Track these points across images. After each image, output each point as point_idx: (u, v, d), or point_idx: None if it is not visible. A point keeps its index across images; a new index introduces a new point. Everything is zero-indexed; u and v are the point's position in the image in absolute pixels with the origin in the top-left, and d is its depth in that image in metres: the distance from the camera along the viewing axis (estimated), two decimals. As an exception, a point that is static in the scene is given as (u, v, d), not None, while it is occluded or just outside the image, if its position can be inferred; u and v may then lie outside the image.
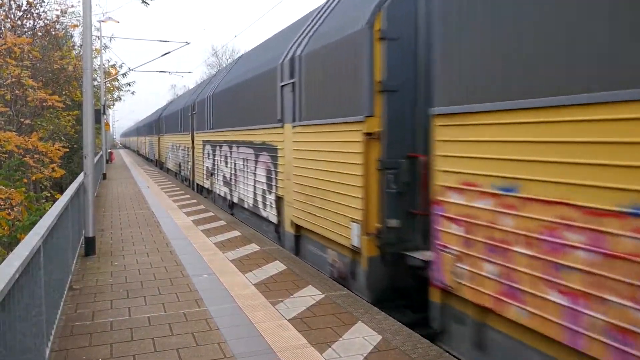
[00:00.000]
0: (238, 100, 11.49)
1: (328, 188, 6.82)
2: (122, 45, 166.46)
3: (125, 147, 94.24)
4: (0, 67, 12.85)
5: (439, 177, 4.64)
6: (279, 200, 8.92)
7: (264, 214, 9.77)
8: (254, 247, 8.44)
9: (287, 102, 8.47)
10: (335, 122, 6.60)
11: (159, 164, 31.51)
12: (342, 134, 6.43)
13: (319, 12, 8.39)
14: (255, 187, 10.28)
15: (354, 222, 6.12)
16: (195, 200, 14.72)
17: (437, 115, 4.63)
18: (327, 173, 6.86)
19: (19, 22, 15.86)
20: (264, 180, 9.71)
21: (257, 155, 10.19)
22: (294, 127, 8.08)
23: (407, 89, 5.91)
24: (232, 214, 12.55)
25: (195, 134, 17.20)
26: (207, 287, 6.22)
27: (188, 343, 4.54)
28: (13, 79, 13.31)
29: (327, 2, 8.40)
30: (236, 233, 9.69)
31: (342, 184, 6.42)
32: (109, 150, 36.32)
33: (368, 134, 5.87)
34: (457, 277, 4.35)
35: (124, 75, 31.96)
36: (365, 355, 4.29)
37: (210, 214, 12.15)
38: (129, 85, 35.61)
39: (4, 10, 15.21)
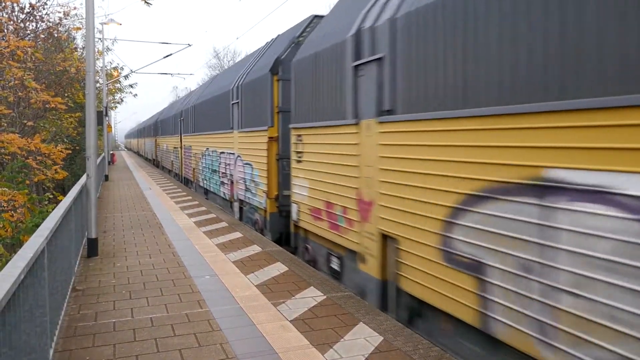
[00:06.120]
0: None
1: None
2: (125, 47, 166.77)
3: (128, 149, 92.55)
4: (3, 70, 12.90)
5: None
6: None
7: None
8: (255, 249, 8.47)
9: None
10: None
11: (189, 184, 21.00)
12: None
13: None
14: None
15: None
16: (197, 202, 14.76)
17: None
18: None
19: (22, 25, 15.92)
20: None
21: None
22: None
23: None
24: None
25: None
26: (209, 288, 6.25)
27: (190, 344, 4.57)
28: (16, 81, 13.36)
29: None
30: (238, 234, 9.72)
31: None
32: (111, 152, 36.41)
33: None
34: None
35: (126, 77, 32.07)
36: (366, 356, 4.31)
37: (212, 215, 12.18)
38: (131, 87, 35.71)
39: (7, 13, 15.27)
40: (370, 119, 5.79)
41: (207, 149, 15.86)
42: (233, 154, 12.51)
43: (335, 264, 7.18)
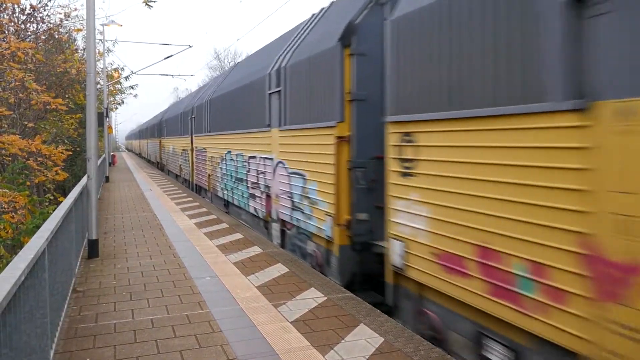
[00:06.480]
0: None
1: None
2: (125, 49, 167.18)
3: (129, 150, 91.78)
4: (4, 71, 12.93)
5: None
6: None
7: None
8: (256, 250, 8.46)
9: None
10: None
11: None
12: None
13: None
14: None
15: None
16: (197, 203, 14.76)
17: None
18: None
19: (23, 26, 15.95)
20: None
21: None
22: None
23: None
24: None
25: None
26: (209, 290, 6.25)
27: (191, 345, 4.57)
28: (17, 83, 13.38)
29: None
30: (238, 236, 9.72)
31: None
32: (112, 153, 36.45)
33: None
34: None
35: (126, 78, 32.14)
36: (367, 357, 4.31)
37: (213, 216, 12.18)
38: (132, 88, 35.78)
39: (8, 14, 15.29)
40: None
41: (229, 152, 12.96)
42: (270, 159, 9.60)
43: (500, 357, 4.21)
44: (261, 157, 10.20)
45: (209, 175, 15.67)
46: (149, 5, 13.00)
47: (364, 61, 6.72)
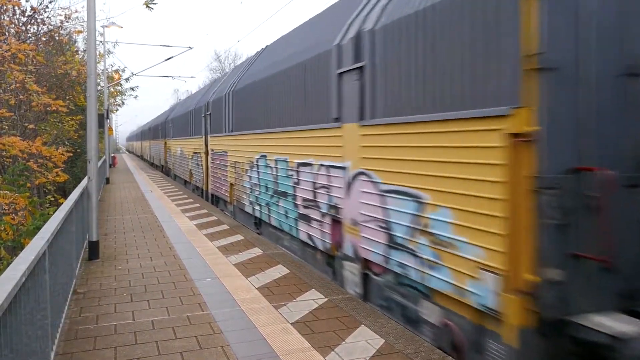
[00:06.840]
0: None
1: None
2: (126, 50, 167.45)
3: (130, 152, 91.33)
4: (4, 73, 12.95)
5: None
6: None
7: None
8: (257, 251, 8.46)
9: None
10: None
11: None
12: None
13: None
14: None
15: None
16: (198, 205, 14.75)
17: None
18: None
19: (23, 28, 15.98)
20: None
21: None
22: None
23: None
24: None
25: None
26: (210, 291, 6.24)
27: (192, 346, 4.57)
28: (17, 84, 13.41)
29: None
30: (239, 237, 9.72)
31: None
32: (112, 155, 36.45)
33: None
34: None
35: (127, 79, 32.19)
36: (368, 358, 4.30)
37: (214, 218, 12.18)
38: (132, 89, 35.83)
39: (8, 16, 15.33)
40: None
41: (263, 156, 10.11)
42: (341, 168, 6.73)
43: None
44: (322, 165, 7.39)
45: (232, 184, 12.88)
46: (149, 7, 13.02)
47: (555, 2, 3.87)
